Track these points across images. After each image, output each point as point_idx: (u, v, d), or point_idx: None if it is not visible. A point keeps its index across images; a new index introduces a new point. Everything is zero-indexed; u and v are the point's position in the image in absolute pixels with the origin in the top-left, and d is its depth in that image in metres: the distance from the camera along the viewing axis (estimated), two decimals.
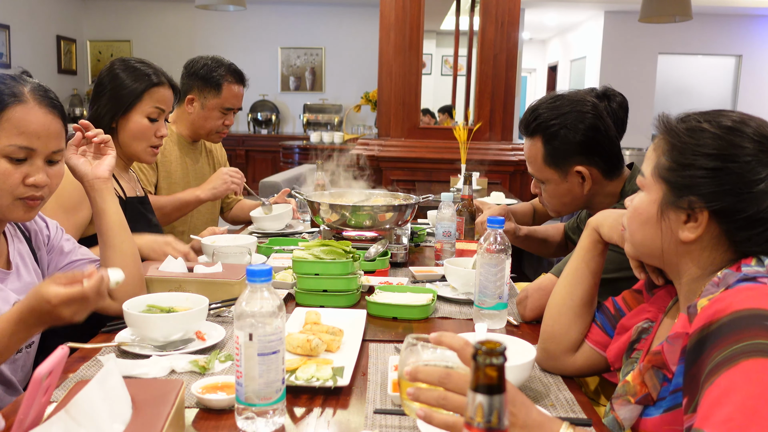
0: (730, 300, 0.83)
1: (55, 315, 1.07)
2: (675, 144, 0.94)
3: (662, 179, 0.95)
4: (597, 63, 9.38)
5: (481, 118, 4.08)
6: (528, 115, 1.61)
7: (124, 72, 1.76)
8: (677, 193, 0.93)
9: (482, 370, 0.62)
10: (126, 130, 1.77)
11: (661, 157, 0.96)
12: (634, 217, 1.01)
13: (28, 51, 8.19)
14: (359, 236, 2.01)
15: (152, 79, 1.77)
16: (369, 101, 8.81)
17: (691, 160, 0.91)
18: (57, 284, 1.07)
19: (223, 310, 1.47)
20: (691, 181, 0.91)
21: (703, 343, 0.83)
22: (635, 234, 1.01)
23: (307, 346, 1.21)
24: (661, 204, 0.95)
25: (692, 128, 0.93)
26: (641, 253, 1.03)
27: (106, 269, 1.14)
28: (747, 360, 0.77)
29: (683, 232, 0.94)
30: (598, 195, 1.60)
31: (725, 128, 0.91)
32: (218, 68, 2.41)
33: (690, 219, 0.93)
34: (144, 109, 1.77)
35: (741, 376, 0.76)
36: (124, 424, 0.81)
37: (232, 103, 2.44)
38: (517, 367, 1.06)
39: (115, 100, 1.75)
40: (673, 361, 0.89)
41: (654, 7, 4.74)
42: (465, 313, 1.56)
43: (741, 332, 0.79)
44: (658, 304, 1.10)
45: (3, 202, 1.20)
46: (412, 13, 4.03)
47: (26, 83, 1.22)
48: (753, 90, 9.48)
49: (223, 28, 9.50)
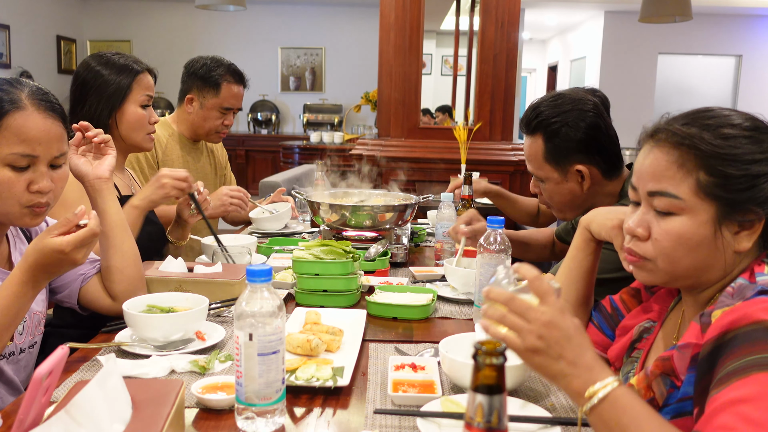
0: (746, 311, 0.81)
1: (69, 261, 1.13)
2: (714, 155, 0.88)
3: (712, 197, 0.88)
4: (597, 63, 9.38)
5: (481, 118, 4.07)
6: (529, 113, 1.61)
7: (105, 67, 1.76)
8: (734, 207, 0.88)
9: (482, 370, 0.63)
10: (124, 122, 1.78)
11: (698, 174, 0.88)
12: (680, 245, 0.90)
13: (28, 51, 8.19)
14: (359, 236, 2.01)
15: (135, 67, 1.79)
16: (369, 101, 8.81)
17: (743, 170, 0.87)
18: (58, 233, 1.11)
19: (223, 310, 1.47)
20: (750, 192, 0.87)
21: (716, 353, 0.82)
22: (681, 261, 0.92)
23: (307, 346, 1.21)
24: (715, 222, 0.89)
25: (725, 136, 0.88)
26: (680, 279, 0.95)
27: None
28: (759, 373, 0.76)
29: (740, 242, 0.90)
30: (597, 195, 1.60)
31: (750, 129, 0.89)
32: (217, 68, 2.41)
33: (742, 228, 0.89)
34: (136, 98, 1.79)
35: (750, 387, 0.75)
36: (124, 424, 0.81)
37: (231, 103, 2.44)
38: (517, 367, 1.06)
39: (107, 95, 1.75)
40: (682, 370, 0.88)
41: (654, 7, 4.74)
42: (465, 313, 1.56)
43: (756, 344, 0.78)
44: (660, 304, 1.09)
45: (10, 210, 1.20)
46: (412, 13, 4.03)
47: (24, 87, 1.20)
48: (753, 90, 9.48)
49: (223, 28, 9.50)
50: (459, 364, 1.07)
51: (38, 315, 1.35)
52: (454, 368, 1.08)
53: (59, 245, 1.11)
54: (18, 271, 1.14)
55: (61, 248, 1.11)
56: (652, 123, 0.96)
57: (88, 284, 1.41)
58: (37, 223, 1.26)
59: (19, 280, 1.13)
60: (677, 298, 1.05)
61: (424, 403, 1.01)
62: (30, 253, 1.13)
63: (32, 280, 1.13)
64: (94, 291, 1.41)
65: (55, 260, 1.12)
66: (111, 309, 1.41)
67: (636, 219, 0.95)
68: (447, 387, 1.12)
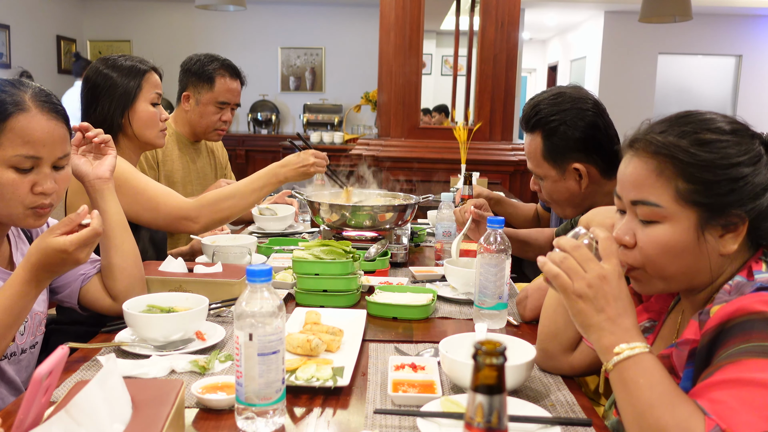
0: (742, 303, 0.82)
1: (72, 260, 1.16)
2: (691, 163, 0.89)
3: (693, 204, 0.89)
4: (597, 63, 9.38)
5: (481, 118, 4.07)
6: (529, 111, 1.61)
7: (113, 70, 1.80)
8: (716, 212, 0.89)
9: (482, 370, 0.62)
10: (137, 120, 1.81)
11: (676, 182, 0.89)
12: (664, 252, 0.92)
13: (28, 51, 8.18)
14: (359, 236, 2.01)
15: (142, 67, 1.83)
16: (369, 101, 8.80)
17: (722, 175, 0.88)
18: (60, 233, 1.14)
19: (223, 310, 1.47)
20: (731, 195, 0.88)
21: (713, 345, 0.83)
22: (668, 268, 0.93)
23: (307, 346, 1.21)
24: (697, 228, 0.90)
25: (702, 142, 0.89)
26: (673, 282, 0.96)
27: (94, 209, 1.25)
28: (750, 359, 0.78)
29: (725, 245, 0.90)
30: (596, 194, 1.60)
31: (727, 132, 0.90)
32: (211, 63, 2.41)
33: (726, 231, 0.90)
34: (147, 96, 1.83)
35: (741, 371, 0.77)
36: (124, 424, 0.81)
37: (226, 97, 2.43)
38: (517, 367, 1.06)
39: (118, 96, 1.78)
40: (681, 366, 0.89)
41: (654, 7, 4.74)
42: (465, 313, 1.56)
43: (751, 333, 0.79)
44: (660, 304, 1.10)
45: (13, 212, 1.21)
46: (412, 13, 4.03)
47: (27, 89, 1.20)
48: (753, 90, 9.48)
49: (223, 28, 9.50)
50: (459, 364, 1.07)
51: (39, 315, 1.35)
52: (454, 368, 1.08)
53: (62, 245, 1.12)
54: (21, 271, 1.15)
55: (64, 248, 1.12)
56: (633, 131, 0.97)
57: (88, 284, 1.41)
58: (41, 225, 1.26)
59: (21, 279, 1.14)
60: (677, 298, 1.06)
61: (424, 403, 1.01)
62: (32, 252, 1.14)
63: (35, 280, 1.15)
64: (95, 291, 1.42)
65: (58, 259, 1.13)
66: (111, 309, 1.41)
67: (622, 227, 0.97)
68: (447, 387, 1.12)
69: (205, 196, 1.80)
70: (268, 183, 1.83)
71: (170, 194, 1.74)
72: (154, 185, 1.73)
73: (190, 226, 1.74)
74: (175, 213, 1.71)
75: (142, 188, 1.69)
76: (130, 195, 1.65)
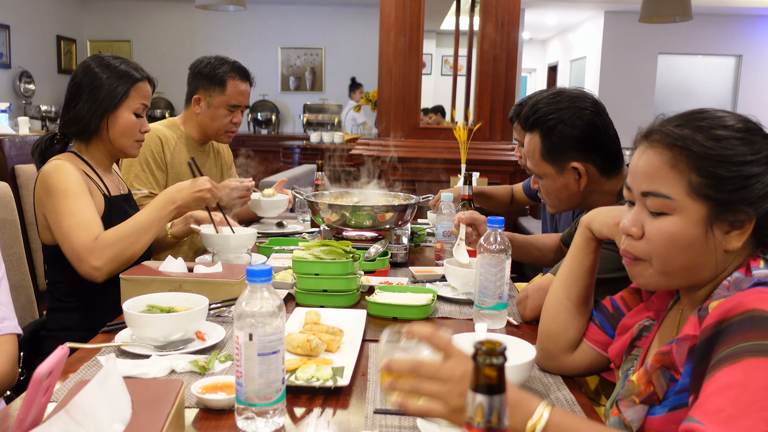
0: (741, 300, 0.83)
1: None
2: (705, 157, 0.89)
3: (704, 197, 0.89)
4: (597, 63, 9.38)
5: (481, 118, 4.07)
6: (528, 110, 1.61)
7: (104, 70, 1.75)
8: (725, 207, 0.89)
9: (482, 370, 0.62)
10: (116, 126, 1.76)
11: (689, 175, 0.90)
12: (672, 244, 0.91)
13: (28, 51, 8.18)
14: (359, 236, 2.01)
15: (136, 75, 1.78)
16: (369, 101, 8.80)
17: (735, 171, 0.88)
18: None
19: (223, 310, 1.47)
20: (741, 192, 0.88)
21: (712, 342, 0.83)
22: (673, 261, 0.92)
23: (307, 346, 1.21)
24: (706, 223, 0.90)
25: (717, 137, 0.89)
26: (675, 278, 0.95)
27: None
28: (750, 359, 0.77)
29: (730, 242, 0.91)
30: (595, 193, 1.59)
31: (741, 130, 0.91)
32: (222, 65, 2.41)
33: (733, 227, 0.90)
34: (131, 105, 1.77)
35: (741, 372, 0.77)
36: (124, 424, 0.81)
37: (237, 99, 2.43)
38: (517, 367, 1.06)
39: (102, 98, 1.73)
40: (681, 362, 0.89)
41: (654, 7, 4.75)
42: (465, 313, 1.56)
43: (749, 331, 0.79)
44: (659, 303, 1.10)
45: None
46: (412, 13, 4.03)
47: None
48: (753, 90, 9.49)
49: (223, 28, 9.50)
50: None
51: None
52: None
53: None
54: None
55: None
56: (647, 124, 0.98)
57: None
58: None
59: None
60: (676, 296, 1.06)
61: None
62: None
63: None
64: None
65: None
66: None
67: (630, 218, 0.97)
68: None
69: (103, 236, 1.62)
70: (165, 210, 1.75)
71: (85, 230, 1.61)
72: (82, 215, 1.63)
73: (92, 273, 1.60)
74: (77, 253, 1.60)
75: (68, 212, 1.62)
76: (51, 214, 1.63)
